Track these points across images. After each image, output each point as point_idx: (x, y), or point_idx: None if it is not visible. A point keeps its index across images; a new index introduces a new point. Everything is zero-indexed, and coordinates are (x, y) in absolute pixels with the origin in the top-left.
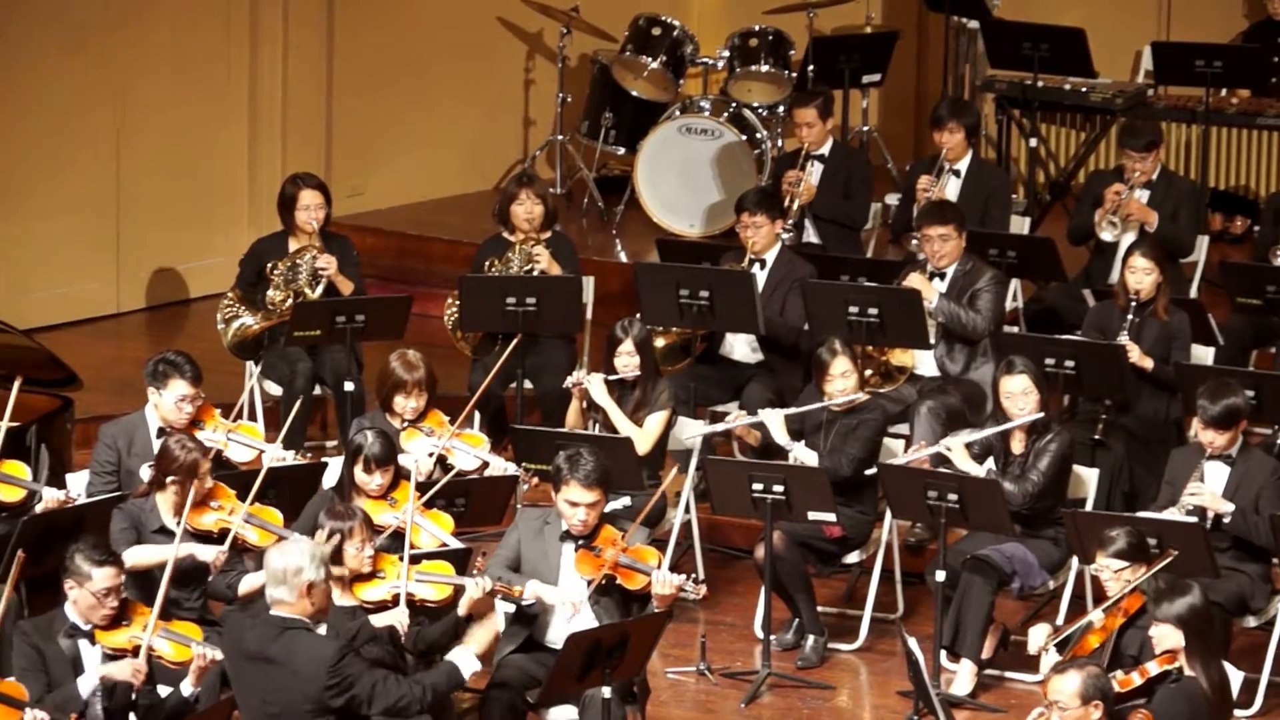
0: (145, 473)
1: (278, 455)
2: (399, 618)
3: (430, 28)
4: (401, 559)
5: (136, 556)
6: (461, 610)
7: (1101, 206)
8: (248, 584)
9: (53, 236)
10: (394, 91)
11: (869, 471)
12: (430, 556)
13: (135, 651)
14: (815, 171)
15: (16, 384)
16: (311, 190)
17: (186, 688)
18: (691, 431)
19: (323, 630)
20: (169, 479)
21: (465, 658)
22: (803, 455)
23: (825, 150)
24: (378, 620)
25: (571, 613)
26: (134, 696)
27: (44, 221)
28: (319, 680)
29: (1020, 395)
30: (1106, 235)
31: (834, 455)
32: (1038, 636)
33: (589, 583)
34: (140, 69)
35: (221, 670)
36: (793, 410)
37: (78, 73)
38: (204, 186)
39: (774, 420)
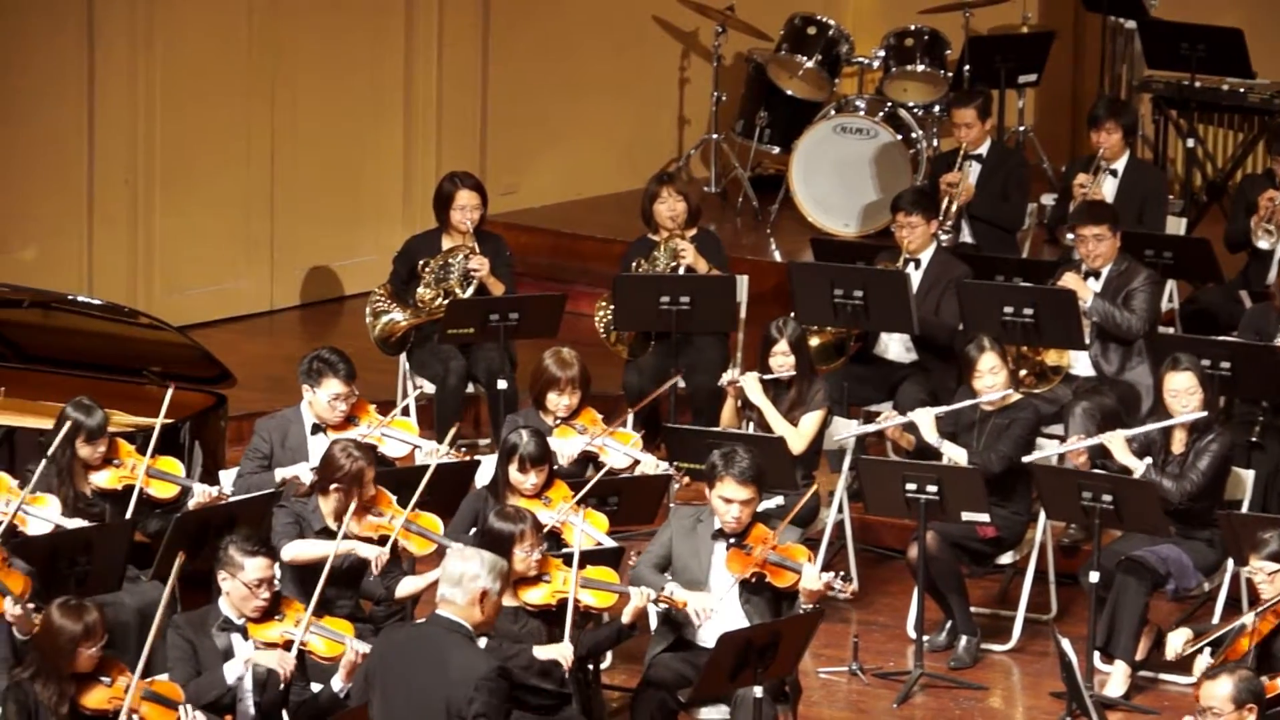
0: (307, 475)
1: (435, 450)
2: (564, 654)
3: (585, 26)
4: (569, 564)
5: (297, 550)
6: (626, 618)
7: (1256, 213)
8: (406, 587)
9: (208, 234)
10: (549, 89)
11: (1026, 458)
12: (587, 557)
13: (287, 646)
14: (973, 172)
15: (171, 387)
16: (468, 190)
17: (337, 683)
18: (845, 431)
19: (483, 643)
20: (332, 485)
21: None
22: (953, 453)
23: (983, 151)
24: (541, 653)
25: (703, 620)
26: (281, 686)
27: (199, 219)
28: (465, 688)
29: (1184, 393)
30: (1263, 243)
31: (984, 453)
32: (1176, 642)
33: (737, 581)
34: (296, 67)
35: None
36: (943, 409)
37: (234, 72)
38: (358, 184)
39: (924, 419)
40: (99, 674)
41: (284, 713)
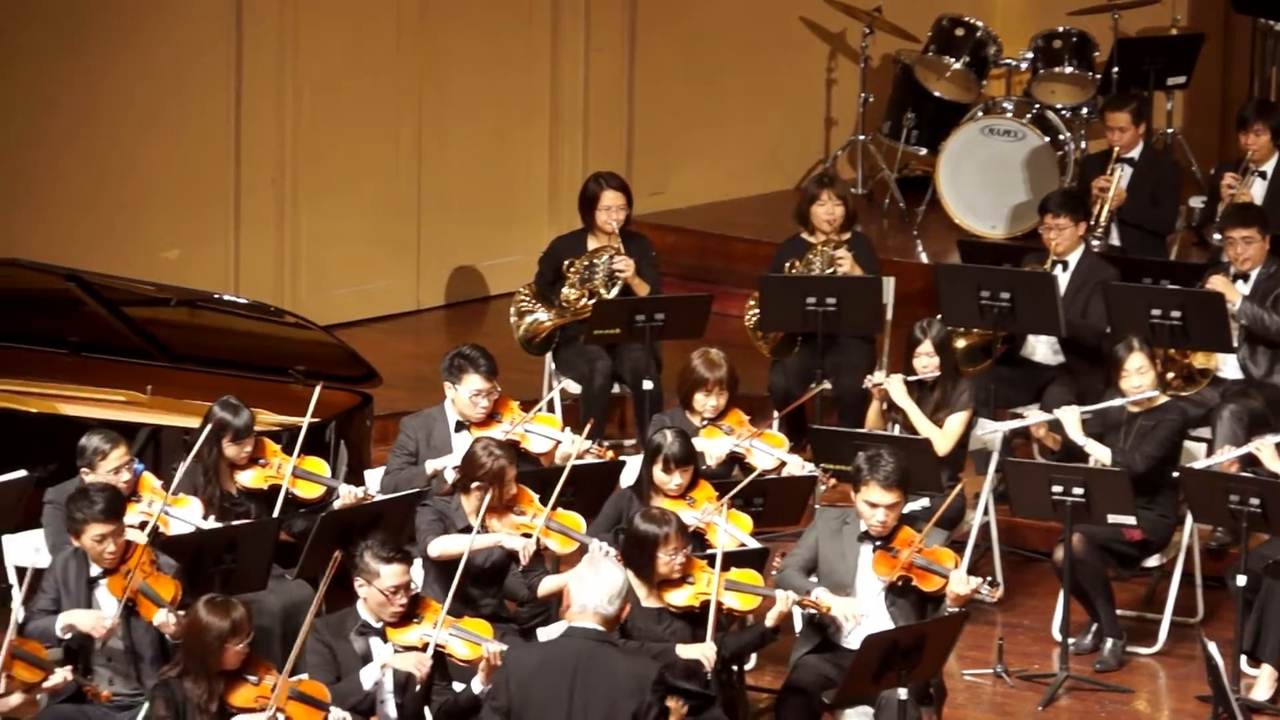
0: (450, 473)
1: (577, 443)
2: (707, 653)
3: (732, 26)
4: (713, 566)
5: (443, 546)
6: (770, 622)
7: None
8: (548, 585)
9: (354, 234)
10: (695, 90)
11: (1174, 475)
12: (731, 558)
13: (425, 648)
14: (1124, 175)
15: (318, 386)
16: (614, 191)
17: (477, 685)
18: (990, 432)
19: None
20: (474, 484)
21: None
22: (1098, 453)
23: (1135, 154)
24: (684, 651)
25: (853, 626)
26: (418, 689)
27: (346, 219)
28: (640, 695)
29: None
30: None
31: (1129, 453)
32: None
33: (884, 584)
34: (444, 69)
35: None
36: (1090, 408)
37: (382, 73)
38: (504, 184)
39: (1070, 417)
40: (246, 672)
41: (426, 712)
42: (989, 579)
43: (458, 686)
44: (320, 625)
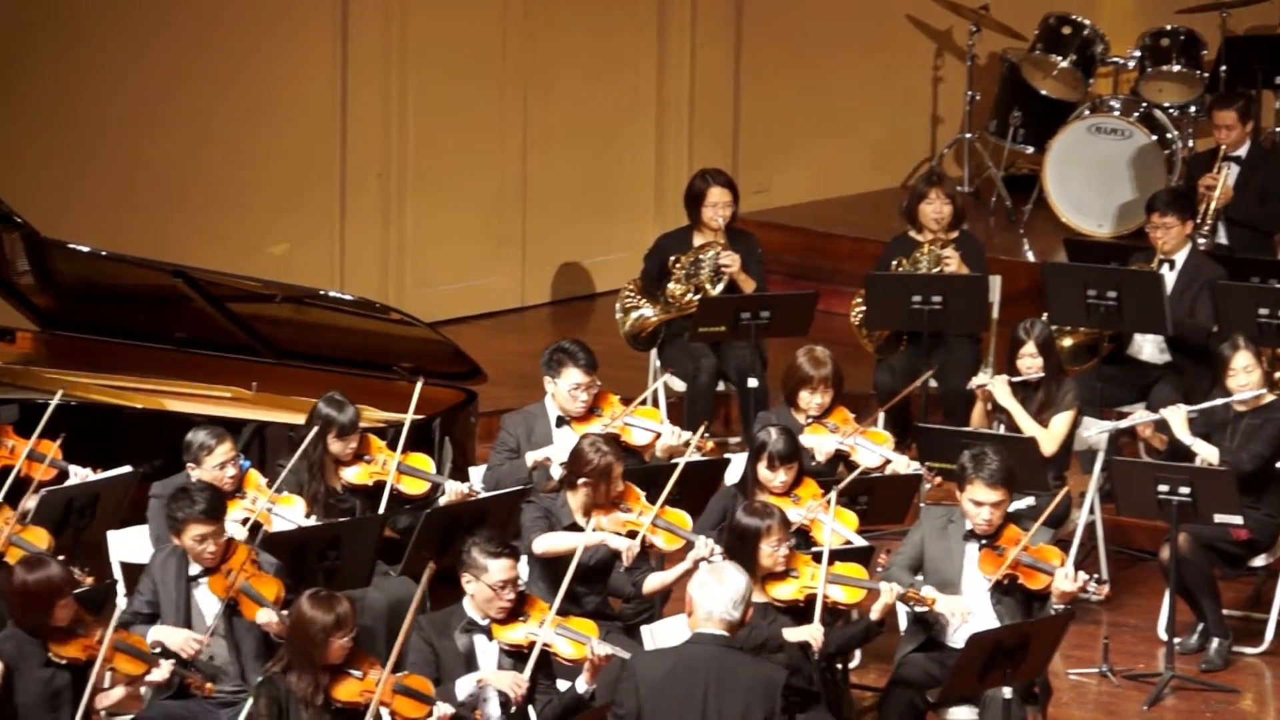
0: (555, 469)
1: (678, 435)
2: (814, 634)
3: (839, 24)
4: (817, 561)
5: (548, 543)
6: (875, 615)
7: None
8: (653, 582)
9: (459, 230)
10: (801, 88)
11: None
12: (836, 555)
13: (530, 646)
14: (1231, 174)
15: (420, 381)
16: (720, 188)
17: (581, 685)
18: (1096, 431)
19: None
20: (580, 480)
21: None
22: (1205, 452)
23: (1242, 153)
24: (792, 635)
25: (959, 623)
26: (513, 709)
27: (451, 215)
28: (771, 701)
29: None
30: None
31: (1236, 452)
32: None
33: (990, 582)
34: (550, 65)
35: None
36: (1196, 407)
37: (488, 68)
38: (610, 182)
39: (1176, 416)
40: (350, 667)
41: (530, 710)
42: (1096, 576)
43: (562, 685)
44: (424, 622)
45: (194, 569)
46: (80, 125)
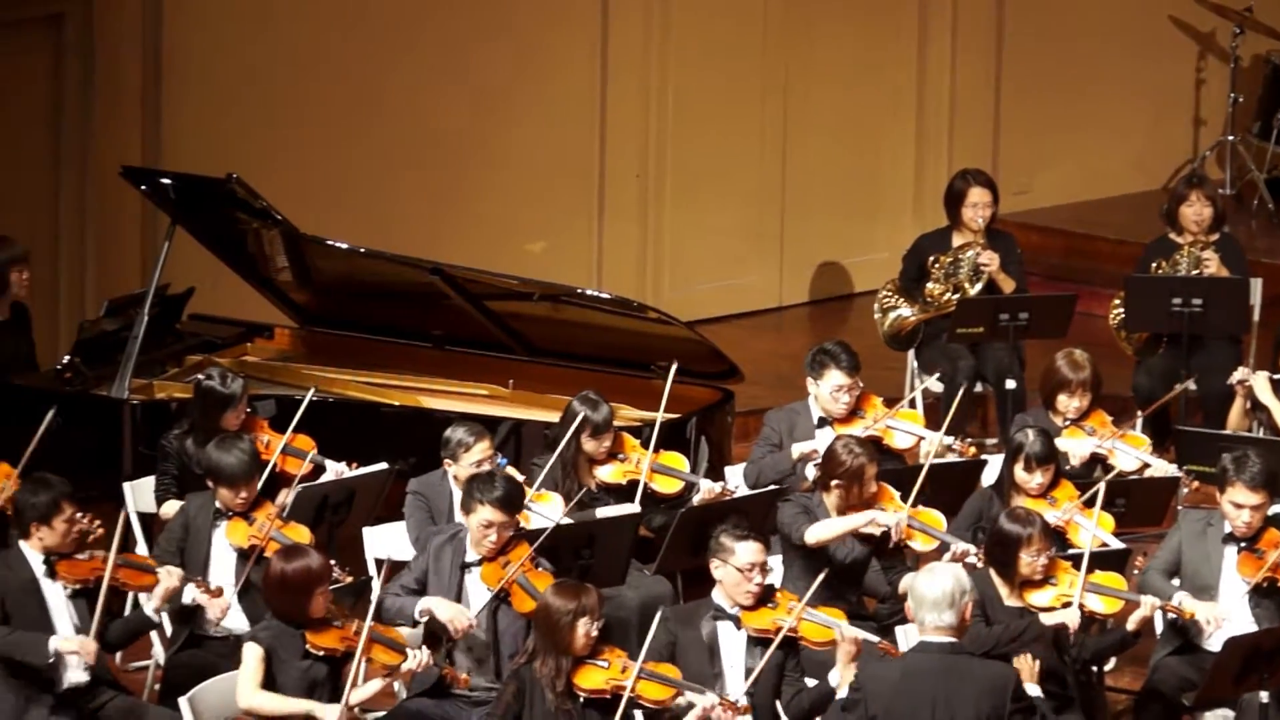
0: (810, 469)
1: (939, 441)
2: (1070, 617)
3: (1100, 25)
4: (1076, 568)
5: (819, 531)
6: (1131, 626)
7: None
8: (908, 582)
9: (718, 230)
10: (1062, 89)
11: None
12: (1095, 560)
13: (776, 632)
14: None
15: (669, 381)
16: (981, 188)
17: (835, 677)
18: None
19: None
20: (834, 481)
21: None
22: None
23: None
24: (1048, 618)
25: (1214, 629)
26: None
27: (709, 215)
28: (1000, 697)
29: None
30: None
31: None
32: None
33: (1249, 586)
34: (809, 64)
35: None
36: None
37: (748, 69)
38: (869, 181)
39: None
40: (596, 657)
41: (776, 704)
42: None
43: (810, 682)
44: (670, 614)
45: (470, 556)
46: (340, 125)
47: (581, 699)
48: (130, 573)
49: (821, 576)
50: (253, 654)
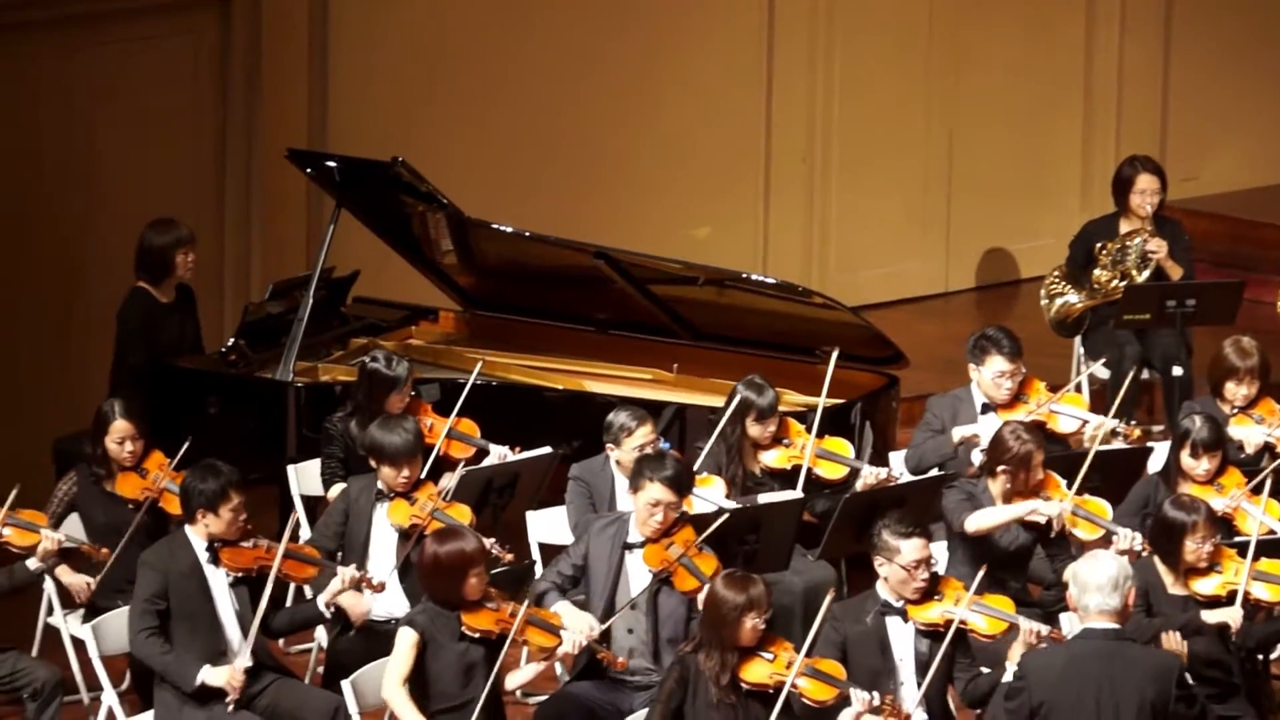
0: (976, 454)
1: (1106, 425)
2: (1233, 615)
3: (1271, 10)
4: (1242, 556)
5: (980, 520)
6: None
7: None
8: (1071, 570)
9: (883, 214)
10: (1231, 75)
11: None
12: (1262, 548)
13: (947, 625)
14: None
15: (831, 365)
16: (1149, 175)
17: (1011, 666)
18: None
19: None
20: (1000, 467)
21: None
22: None
23: None
24: (1210, 616)
25: None
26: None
27: (875, 200)
28: (1164, 684)
29: None
30: None
31: None
32: None
33: None
34: (977, 52)
35: None
36: None
37: (915, 55)
38: (1036, 167)
39: None
40: (762, 649)
41: (946, 696)
42: None
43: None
44: (837, 610)
45: (634, 536)
46: (503, 107)
47: (745, 689)
48: (294, 564)
49: (982, 572)
50: (406, 640)
